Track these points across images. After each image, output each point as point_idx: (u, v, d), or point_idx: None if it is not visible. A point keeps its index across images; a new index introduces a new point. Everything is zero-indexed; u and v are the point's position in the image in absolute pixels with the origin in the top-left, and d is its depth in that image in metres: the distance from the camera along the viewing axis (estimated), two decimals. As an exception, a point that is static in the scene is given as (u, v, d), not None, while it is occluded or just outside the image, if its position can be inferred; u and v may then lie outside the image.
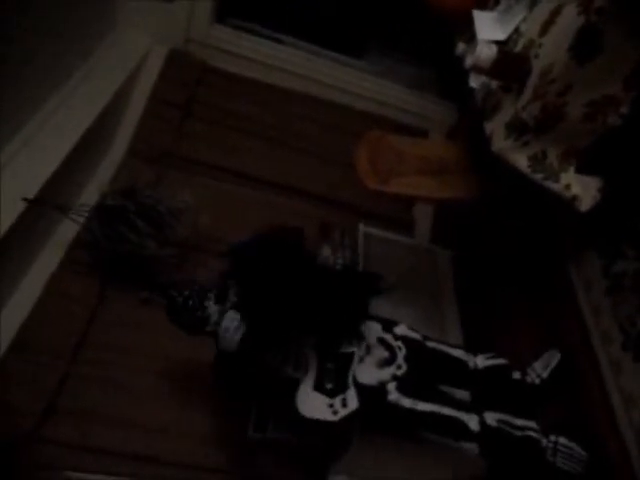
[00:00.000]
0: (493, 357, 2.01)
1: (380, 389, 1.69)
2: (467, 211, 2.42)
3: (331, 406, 1.63)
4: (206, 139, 2.85)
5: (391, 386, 1.69)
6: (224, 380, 1.72)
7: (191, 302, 1.65)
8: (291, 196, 2.85)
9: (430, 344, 1.90)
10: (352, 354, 1.70)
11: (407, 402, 1.69)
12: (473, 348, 2.08)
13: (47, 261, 2.22)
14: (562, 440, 1.80)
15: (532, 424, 1.86)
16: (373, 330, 1.80)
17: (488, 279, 2.53)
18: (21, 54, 2.00)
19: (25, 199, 1.96)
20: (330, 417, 1.63)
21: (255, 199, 2.77)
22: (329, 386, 1.64)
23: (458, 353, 1.97)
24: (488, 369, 1.97)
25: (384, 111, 3.24)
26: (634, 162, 1.63)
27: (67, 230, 2.26)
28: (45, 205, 2.04)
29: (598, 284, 1.96)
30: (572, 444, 1.79)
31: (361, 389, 1.67)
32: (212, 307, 1.66)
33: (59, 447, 1.89)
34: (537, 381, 2.01)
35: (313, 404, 1.64)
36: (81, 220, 2.16)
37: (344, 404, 1.64)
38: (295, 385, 1.66)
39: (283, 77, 3.13)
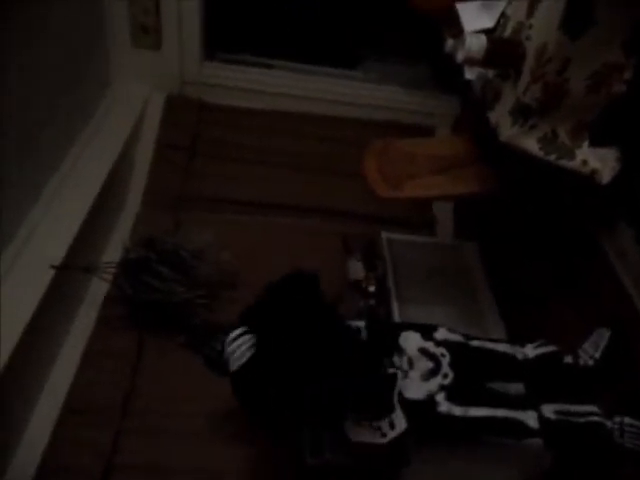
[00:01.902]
0: (542, 345, 1.95)
1: (429, 402, 1.65)
2: (486, 201, 2.39)
3: (379, 429, 1.61)
4: (216, 175, 2.88)
5: (440, 397, 1.65)
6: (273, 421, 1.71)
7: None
8: (309, 217, 2.85)
9: (474, 343, 1.86)
10: (395, 375, 1.68)
11: (459, 411, 1.65)
12: (518, 339, 2.04)
13: (84, 321, 2.27)
14: (627, 420, 1.74)
15: (593, 408, 1.79)
16: (413, 341, 1.76)
17: (519, 266, 2.48)
18: (26, 123, 2.06)
19: (53, 266, 2.01)
20: (379, 440, 1.60)
21: (273, 226, 2.78)
22: (374, 409, 1.62)
23: (504, 347, 1.92)
24: (539, 357, 1.91)
25: (387, 116, 3.22)
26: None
27: (98, 289, 2.30)
28: (73, 269, 2.08)
29: (633, 253, 1.91)
30: (637, 422, 1.73)
31: (409, 405, 1.64)
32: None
33: (124, 507, 1.89)
34: (590, 362, 1.95)
35: (361, 429, 1.62)
36: (109, 277, 2.19)
37: (392, 426, 1.61)
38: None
39: (281, 101, 3.15)
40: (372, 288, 2.47)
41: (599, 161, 1.56)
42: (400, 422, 1.63)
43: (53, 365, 2.13)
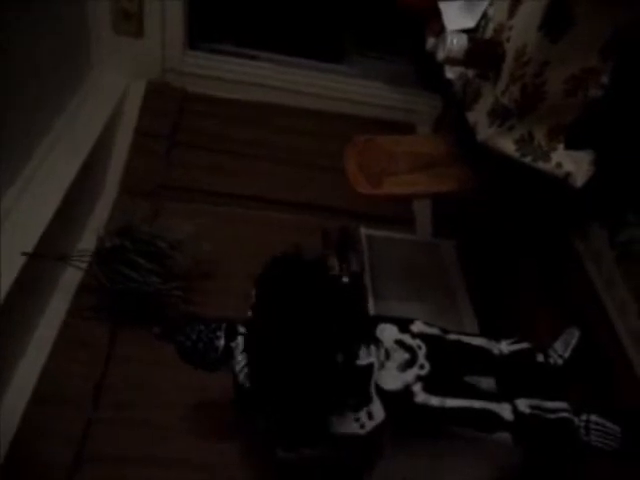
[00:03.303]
0: (516, 342, 1.98)
1: (406, 392, 1.66)
2: (465, 200, 2.41)
3: (357, 420, 1.62)
4: (196, 165, 2.85)
5: (417, 387, 1.67)
6: (245, 413, 1.71)
7: (200, 345, 1.62)
8: (289, 210, 2.84)
9: (450, 337, 1.87)
10: (371, 365, 1.68)
11: (436, 401, 1.66)
12: (491, 335, 2.06)
13: (56, 310, 2.23)
14: (594, 418, 1.77)
15: (563, 405, 1.82)
16: (389, 333, 1.77)
17: (496, 265, 2.51)
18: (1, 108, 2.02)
19: (25, 253, 1.97)
20: (358, 431, 1.61)
21: (253, 218, 2.76)
22: (352, 401, 1.63)
23: (480, 342, 1.94)
24: (514, 354, 1.94)
25: (369, 111, 3.22)
26: (621, 130, 1.61)
27: (71, 277, 2.26)
28: (45, 256, 2.04)
29: (607, 255, 1.94)
30: (604, 420, 1.76)
31: (386, 395, 1.64)
32: (222, 345, 1.63)
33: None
34: (559, 361, 1.98)
35: (340, 420, 1.62)
36: (83, 266, 2.16)
37: (370, 417, 1.62)
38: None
39: (264, 93, 3.13)
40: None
41: (573, 164, 1.58)
42: (378, 413, 1.64)
43: (23, 354, 2.09)
